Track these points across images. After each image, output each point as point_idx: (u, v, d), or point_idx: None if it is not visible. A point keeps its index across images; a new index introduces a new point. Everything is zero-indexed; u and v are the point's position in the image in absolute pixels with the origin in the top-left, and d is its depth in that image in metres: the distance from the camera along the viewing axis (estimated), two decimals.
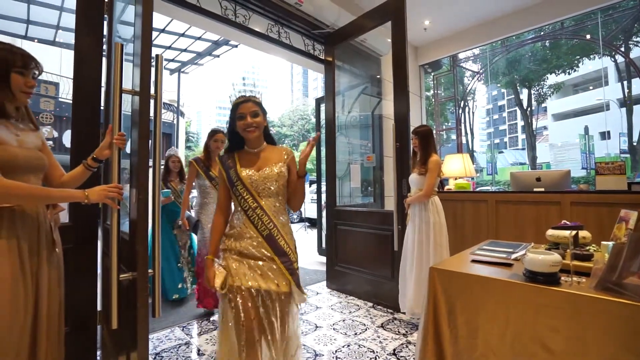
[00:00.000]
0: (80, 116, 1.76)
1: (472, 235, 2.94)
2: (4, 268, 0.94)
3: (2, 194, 0.93)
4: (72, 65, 1.77)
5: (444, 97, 7.23)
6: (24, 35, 6.75)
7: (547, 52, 15.63)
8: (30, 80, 1.09)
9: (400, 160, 2.59)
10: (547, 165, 20.36)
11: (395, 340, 2.18)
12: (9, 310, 0.93)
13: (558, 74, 16.91)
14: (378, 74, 4.20)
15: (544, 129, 25.56)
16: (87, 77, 1.77)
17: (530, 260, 1.17)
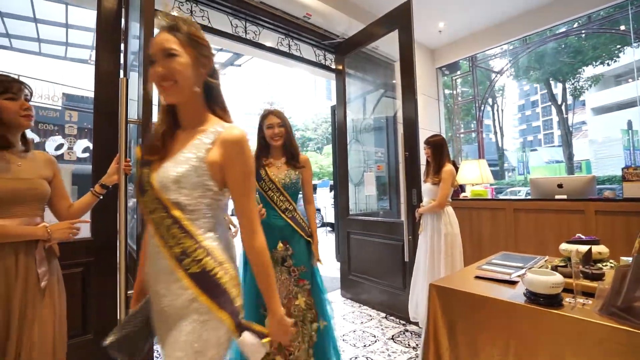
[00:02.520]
0: (101, 128, 1.92)
1: (490, 245, 2.84)
2: None
3: None
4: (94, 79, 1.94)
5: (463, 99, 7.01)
6: (63, 56, 7.32)
7: (582, 43, 14.67)
8: (24, 103, 1.10)
9: (410, 170, 2.56)
10: (586, 162, 19.06)
11: (404, 353, 2.16)
12: None
13: (596, 66, 15.79)
14: (393, 79, 4.17)
15: (582, 124, 24.00)
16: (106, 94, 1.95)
17: (529, 280, 1.13)
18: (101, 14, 1.99)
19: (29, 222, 1.11)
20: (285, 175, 1.71)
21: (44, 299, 1.10)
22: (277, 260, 1.62)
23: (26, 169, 1.13)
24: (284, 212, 1.68)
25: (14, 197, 1.07)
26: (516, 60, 6.17)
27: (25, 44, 6.83)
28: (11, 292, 1.03)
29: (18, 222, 1.07)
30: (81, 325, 1.84)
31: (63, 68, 7.90)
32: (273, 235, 1.60)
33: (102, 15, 1.99)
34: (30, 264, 1.08)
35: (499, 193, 12.92)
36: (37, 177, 1.16)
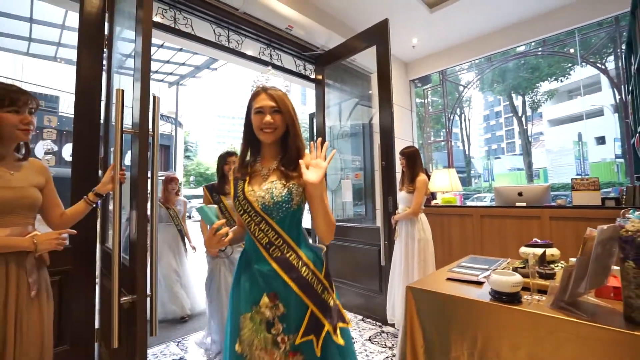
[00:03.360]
0: (81, 131, 1.90)
1: (459, 249, 3.04)
2: None
3: None
4: (75, 82, 1.92)
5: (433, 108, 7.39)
6: (25, 52, 6.92)
7: (539, 60, 15.93)
8: (26, 117, 1.09)
9: (387, 179, 2.70)
10: (544, 170, 20.54)
11: (381, 353, 2.27)
12: None
13: (551, 81, 17.21)
14: (369, 90, 4.35)
15: (540, 134, 25.82)
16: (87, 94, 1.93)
17: (493, 281, 1.28)
18: (84, 17, 1.97)
19: (21, 231, 1.11)
20: (265, 191, 1.03)
21: (32, 307, 1.10)
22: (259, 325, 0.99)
23: (18, 177, 1.13)
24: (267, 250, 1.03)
25: (4, 206, 1.07)
26: (482, 74, 6.62)
27: None
28: (6, 301, 1.04)
29: (8, 232, 1.07)
30: (57, 335, 1.79)
31: (25, 64, 7.46)
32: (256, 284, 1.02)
33: (85, 19, 1.97)
34: (22, 273, 1.08)
35: (466, 199, 13.61)
36: (29, 185, 1.15)
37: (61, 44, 6.29)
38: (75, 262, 1.86)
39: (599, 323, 1.01)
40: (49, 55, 7.01)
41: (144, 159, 1.34)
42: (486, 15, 3.94)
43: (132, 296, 1.40)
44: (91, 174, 1.93)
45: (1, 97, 1.05)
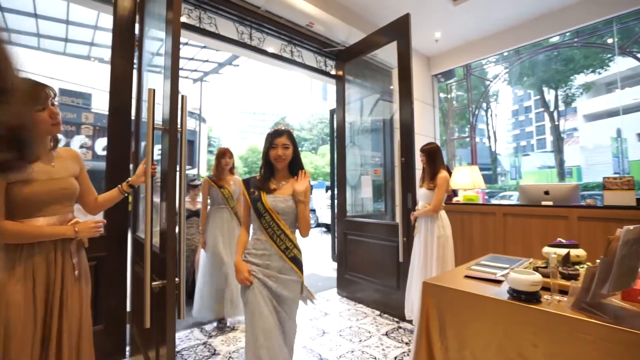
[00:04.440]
0: (115, 127, 2.03)
1: (480, 247, 2.99)
2: (18, 294, 1.07)
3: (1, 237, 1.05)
4: (109, 81, 2.05)
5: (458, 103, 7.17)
6: (62, 52, 7.35)
7: (574, 52, 15.02)
8: (52, 110, 1.14)
9: (406, 175, 2.69)
10: (577, 169, 19.48)
11: (397, 348, 2.29)
12: (22, 329, 1.08)
13: (587, 74, 16.19)
14: (390, 85, 4.31)
15: (574, 130, 24.48)
16: (120, 92, 2.06)
17: (512, 279, 1.26)
18: (117, 19, 2.09)
19: (63, 218, 1.22)
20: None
21: (75, 286, 1.22)
22: None
23: (58, 169, 1.22)
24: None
25: (50, 197, 1.16)
26: (510, 67, 6.36)
27: (25, 39, 6.86)
28: (51, 283, 1.15)
29: (55, 220, 1.18)
30: (92, 316, 1.94)
31: (61, 64, 7.93)
32: None
33: (118, 20, 2.09)
34: (67, 256, 1.20)
35: (491, 197, 13.17)
36: (68, 175, 1.25)
37: (94, 43, 6.63)
38: (109, 250, 2.00)
39: (623, 326, 0.98)
40: (83, 55, 7.41)
41: (173, 153, 1.42)
42: (514, 6, 3.79)
43: (162, 281, 1.50)
44: (123, 167, 2.06)
45: None
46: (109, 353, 1.95)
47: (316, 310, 3.07)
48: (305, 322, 2.77)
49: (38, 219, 1.14)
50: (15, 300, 1.07)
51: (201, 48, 7.46)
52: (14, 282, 1.08)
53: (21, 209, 1.11)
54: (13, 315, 1.06)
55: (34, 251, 1.12)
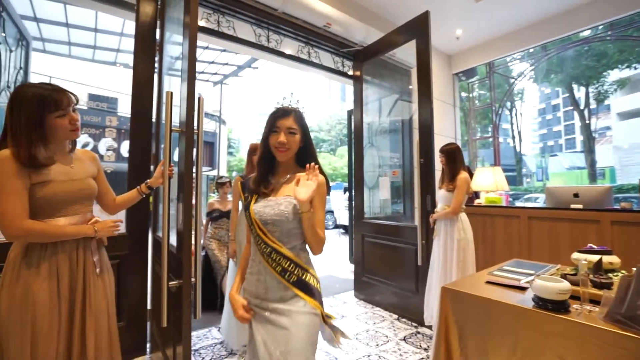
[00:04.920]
0: (136, 129, 2.09)
1: (503, 252, 2.87)
2: (42, 292, 1.11)
3: (22, 235, 1.09)
4: (131, 85, 2.12)
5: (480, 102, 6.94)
6: (91, 59, 7.71)
7: (607, 46, 14.20)
8: (72, 117, 1.17)
9: (425, 176, 2.63)
10: (610, 170, 18.44)
11: (415, 354, 2.23)
12: (47, 323, 1.11)
13: (622, 69, 15.27)
14: (409, 85, 4.23)
15: (606, 129, 23.20)
16: (141, 96, 2.13)
17: (537, 287, 1.20)
18: (139, 25, 2.15)
19: (83, 218, 1.25)
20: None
21: (98, 282, 1.26)
22: None
23: (77, 170, 1.26)
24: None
25: (70, 197, 1.20)
26: (537, 64, 6.09)
27: (57, 47, 7.26)
28: (74, 281, 1.19)
29: (76, 220, 1.22)
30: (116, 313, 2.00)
31: (90, 70, 8.33)
32: None
33: (140, 26, 2.16)
34: (88, 254, 1.24)
35: (515, 199, 12.68)
36: (86, 176, 1.28)
37: (120, 50, 6.91)
38: (130, 249, 2.07)
39: None
40: (110, 61, 7.75)
41: (189, 155, 1.44)
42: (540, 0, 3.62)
43: (179, 281, 1.53)
44: (144, 168, 2.12)
45: (47, 103, 1.11)
46: (130, 349, 2.00)
47: (333, 312, 3.04)
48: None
49: (59, 219, 1.18)
50: (41, 298, 1.10)
51: (221, 51, 7.62)
52: (39, 281, 1.11)
53: (43, 209, 1.15)
54: (39, 313, 1.10)
55: (57, 250, 1.16)
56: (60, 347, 1.14)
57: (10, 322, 1.08)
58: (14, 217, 1.06)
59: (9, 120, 1.10)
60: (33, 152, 1.09)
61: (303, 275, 1.10)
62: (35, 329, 1.09)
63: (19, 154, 1.07)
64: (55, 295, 1.14)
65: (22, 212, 1.08)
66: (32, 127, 1.09)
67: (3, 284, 1.11)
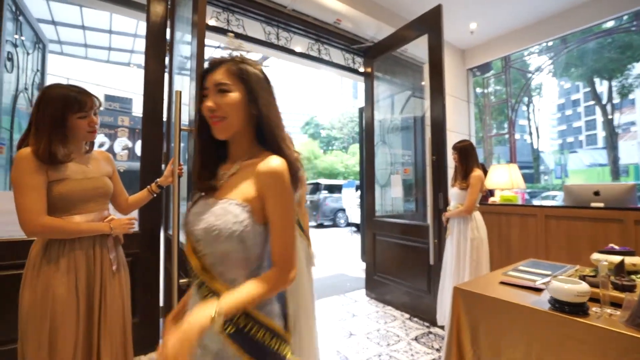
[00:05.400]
0: (148, 129, 2.12)
1: (518, 252, 2.78)
2: (61, 287, 1.14)
3: (40, 231, 1.12)
4: (143, 85, 2.15)
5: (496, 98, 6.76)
6: (106, 60, 7.90)
7: (632, 37, 13.58)
8: (92, 120, 1.23)
9: (437, 174, 2.57)
10: (635, 167, 17.71)
11: (427, 354, 2.19)
12: (66, 318, 1.14)
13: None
14: (422, 81, 4.16)
15: (631, 124, 22.28)
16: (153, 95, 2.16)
17: (554, 288, 1.15)
18: (150, 26, 2.18)
19: (99, 216, 1.28)
20: None
21: (114, 280, 1.29)
22: None
23: (93, 169, 1.29)
24: None
25: (85, 195, 1.23)
26: (556, 58, 5.88)
27: (74, 50, 7.47)
28: (91, 277, 1.22)
29: (91, 217, 1.25)
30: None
31: (105, 71, 8.55)
32: None
33: (151, 27, 2.18)
34: (104, 251, 1.27)
35: (532, 197, 12.33)
36: (101, 175, 1.31)
37: (133, 50, 7.05)
38: (142, 247, 2.10)
39: None
40: (124, 62, 7.92)
41: None
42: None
43: (189, 279, 1.55)
44: (156, 167, 2.15)
45: (71, 103, 1.17)
46: (143, 345, 2.04)
47: (344, 311, 3.03)
48: (333, 323, 2.74)
49: (75, 217, 1.20)
50: (60, 292, 1.13)
51: (232, 51, 7.68)
52: (58, 276, 1.14)
53: (59, 206, 1.18)
54: (58, 308, 1.13)
55: (75, 247, 1.19)
56: (79, 342, 1.17)
57: (31, 316, 1.11)
58: (33, 213, 1.09)
59: (34, 117, 1.15)
60: (53, 148, 1.13)
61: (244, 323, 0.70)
62: (55, 323, 1.12)
63: (38, 149, 1.11)
64: (73, 291, 1.17)
65: (40, 208, 1.11)
66: (55, 124, 1.15)
67: (25, 279, 1.15)
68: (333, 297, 3.42)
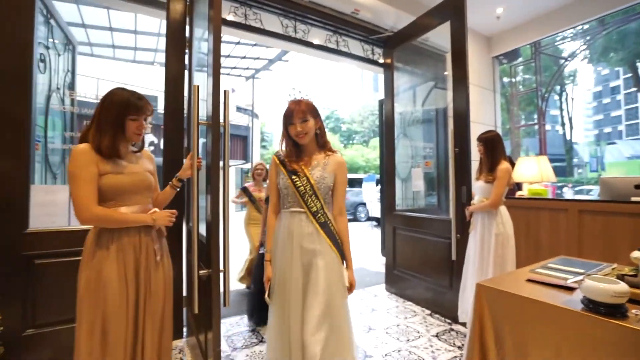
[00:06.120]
0: (169, 124, 2.17)
1: (548, 249, 2.64)
2: (112, 273, 1.23)
3: (93, 219, 1.22)
4: (164, 82, 2.21)
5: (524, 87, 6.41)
6: (132, 59, 8.17)
7: None
8: (142, 124, 1.35)
9: (460, 167, 2.48)
10: None
11: (448, 352, 2.14)
12: (117, 303, 1.22)
13: None
14: (444, 71, 4.01)
15: None
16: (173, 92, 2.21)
17: (588, 287, 1.08)
18: (170, 24, 2.22)
19: (142, 208, 1.36)
20: None
21: (158, 269, 1.36)
22: None
23: (139, 165, 1.39)
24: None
25: (132, 188, 1.32)
26: (592, 42, 5.49)
27: (103, 51, 7.77)
28: (137, 266, 1.30)
29: (136, 209, 1.33)
30: None
31: (132, 70, 8.85)
32: None
33: (171, 24, 2.22)
34: (149, 241, 1.35)
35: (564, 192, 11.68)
36: (145, 171, 1.41)
37: (157, 49, 7.25)
38: (167, 238, 2.16)
39: None
40: (148, 61, 8.17)
41: (216, 147, 1.47)
42: None
43: (208, 270, 1.58)
44: (177, 162, 2.20)
45: (130, 106, 1.30)
46: None
47: (363, 305, 3.01)
48: (353, 317, 2.72)
49: (121, 208, 1.29)
50: (111, 279, 1.23)
51: (252, 46, 7.73)
52: (108, 264, 1.24)
53: (108, 197, 1.27)
54: (110, 293, 1.22)
55: (123, 236, 1.28)
56: (129, 328, 1.26)
57: (86, 298, 1.21)
58: (87, 202, 1.20)
59: (98, 115, 1.29)
60: (113, 144, 1.27)
61: None
62: (107, 307, 1.21)
63: (100, 144, 1.25)
64: (122, 277, 1.26)
65: (93, 198, 1.22)
66: (116, 123, 1.28)
67: (82, 263, 1.26)
68: None
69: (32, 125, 1.90)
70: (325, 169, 1.46)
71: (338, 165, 1.47)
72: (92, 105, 2.52)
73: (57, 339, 1.89)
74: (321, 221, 1.42)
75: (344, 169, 1.50)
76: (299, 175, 1.44)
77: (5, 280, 1.76)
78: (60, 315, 1.90)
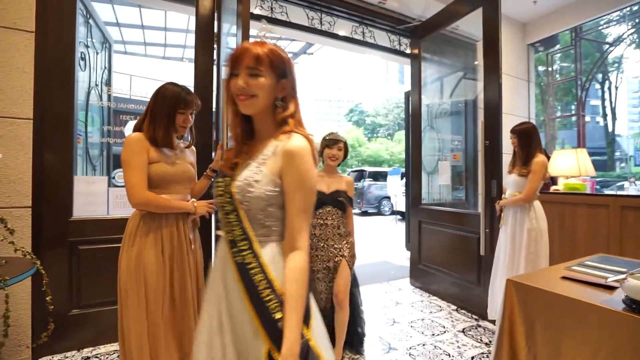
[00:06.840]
0: (198, 119, 2.24)
1: (586, 246, 2.51)
2: (151, 257, 1.31)
3: (144, 203, 1.30)
4: (193, 77, 2.28)
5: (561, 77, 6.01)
6: (162, 56, 8.46)
7: None
8: (188, 118, 1.44)
9: (490, 160, 2.39)
10: None
11: (475, 348, 2.09)
12: (155, 285, 1.30)
13: None
14: (474, 61, 3.85)
15: None
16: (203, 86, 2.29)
17: (631, 287, 1.02)
18: (199, 19, 2.28)
19: (183, 197, 1.45)
20: None
21: (190, 257, 1.43)
22: None
23: (183, 156, 1.48)
24: None
25: (175, 177, 1.40)
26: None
27: (135, 48, 8.10)
28: (173, 251, 1.37)
29: (177, 198, 1.42)
30: None
31: (162, 67, 9.17)
32: None
33: (199, 20, 2.28)
34: (186, 229, 1.42)
35: (604, 187, 10.95)
36: (188, 162, 1.49)
37: (185, 46, 7.45)
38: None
39: None
40: (178, 57, 8.41)
41: None
42: None
43: None
44: (207, 155, 2.27)
45: (179, 100, 1.38)
46: None
47: (387, 298, 3.01)
48: (376, 309, 2.74)
49: (164, 195, 1.37)
50: (150, 261, 1.31)
51: (277, 39, 7.77)
52: (148, 247, 1.32)
53: (153, 185, 1.35)
54: (149, 274, 1.30)
55: (162, 223, 1.35)
56: (165, 309, 1.34)
57: (128, 280, 1.30)
58: (139, 187, 1.28)
59: (152, 106, 1.38)
60: (168, 134, 1.37)
61: None
62: (147, 287, 1.30)
63: (155, 133, 1.34)
64: (160, 261, 1.34)
65: (144, 184, 1.30)
66: (167, 114, 1.37)
67: (123, 248, 1.34)
68: (376, 285, 3.40)
69: (74, 120, 2.04)
70: (263, 165, 0.79)
71: (289, 157, 0.77)
72: (127, 100, 2.67)
73: (99, 318, 2.04)
74: (239, 260, 0.77)
75: (304, 163, 0.77)
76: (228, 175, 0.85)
77: (54, 264, 1.91)
78: (101, 297, 2.05)
